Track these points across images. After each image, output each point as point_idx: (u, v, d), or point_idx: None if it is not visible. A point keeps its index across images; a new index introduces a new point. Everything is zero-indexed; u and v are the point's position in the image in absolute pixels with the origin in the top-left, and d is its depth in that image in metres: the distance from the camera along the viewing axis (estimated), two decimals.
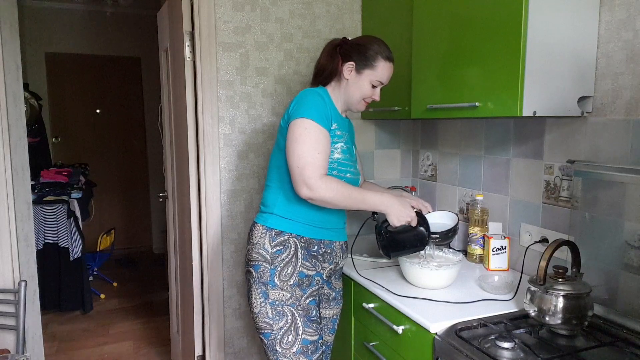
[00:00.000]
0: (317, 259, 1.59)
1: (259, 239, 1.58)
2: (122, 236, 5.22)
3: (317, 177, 1.44)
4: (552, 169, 1.65)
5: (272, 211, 1.59)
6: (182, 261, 2.46)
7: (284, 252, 1.55)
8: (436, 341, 1.32)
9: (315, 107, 1.49)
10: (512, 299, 1.52)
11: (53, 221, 3.53)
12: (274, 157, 1.63)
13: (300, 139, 1.46)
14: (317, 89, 1.60)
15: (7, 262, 2.13)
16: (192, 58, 2.06)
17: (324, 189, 1.44)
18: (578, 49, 1.41)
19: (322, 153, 1.47)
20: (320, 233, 1.60)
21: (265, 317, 1.54)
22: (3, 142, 2.09)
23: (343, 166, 1.58)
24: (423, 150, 2.39)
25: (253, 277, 1.57)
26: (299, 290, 1.56)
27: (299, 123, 1.47)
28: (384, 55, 1.58)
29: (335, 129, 1.57)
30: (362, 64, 1.58)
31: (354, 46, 1.60)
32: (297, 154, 1.45)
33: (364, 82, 1.59)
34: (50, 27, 4.86)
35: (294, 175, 1.46)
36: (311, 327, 1.57)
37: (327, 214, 1.60)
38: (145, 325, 3.54)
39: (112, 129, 5.44)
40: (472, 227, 1.91)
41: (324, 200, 1.46)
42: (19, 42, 2.15)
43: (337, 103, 1.63)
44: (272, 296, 1.54)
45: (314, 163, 1.44)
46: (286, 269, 1.54)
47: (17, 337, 2.00)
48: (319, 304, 1.69)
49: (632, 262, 1.32)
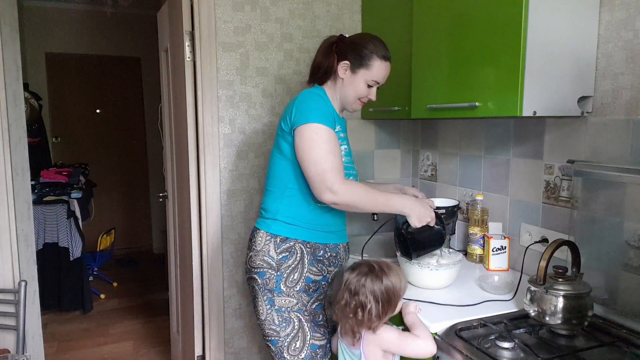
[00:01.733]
0: (323, 264, 1.58)
1: (263, 246, 1.55)
2: (122, 236, 5.22)
3: (340, 182, 1.42)
4: (552, 169, 1.65)
5: (275, 217, 1.56)
6: (182, 261, 2.46)
7: (290, 258, 1.53)
8: (436, 341, 1.31)
9: (319, 110, 1.47)
10: (512, 299, 1.52)
11: (53, 221, 3.53)
12: (274, 161, 1.59)
13: (313, 144, 1.43)
14: (316, 90, 1.57)
15: (7, 262, 2.13)
16: (192, 58, 2.06)
17: (349, 193, 1.42)
18: (578, 49, 1.41)
19: (337, 155, 1.45)
20: (325, 237, 1.58)
21: (272, 324, 1.53)
22: (3, 142, 2.09)
23: (347, 169, 1.56)
24: (423, 150, 2.39)
25: (258, 285, 1.55)
26: (306, 296, 1.55)
27: (307, 128, 1.44)
28: (379, 54, 1.54)
29: (339, 131, 1.55)
30: (357, 63, 1.54)
31: (349, 44, 1.56)
32: (314, 159, 1.42)
33: (359, 81, 1.55)
34: (50, 27, 4.86)
35: (314, 182, 1.43)
36: (319, 332, 1.56)
37: (330, 217, 1.59)
38: (145, 325, 3.54)
39: (112, 129, 5.44)
40: (472, 227, 1.90)
41: (348, 204, 1.44)
42: (19, 42, 2.15)
43: (334, 102, 1.60)
44: (278, 303, 1.52)
45: (333, 167, 1.42)
46: (292, 275, 1.53)
47: (17, 337, 2.00)
48: (325, 308, 1.69)
49: (632, 262, 1.32)
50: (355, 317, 1.33)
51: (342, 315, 1.37)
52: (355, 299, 1.33)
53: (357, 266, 1.39)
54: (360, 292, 1.33)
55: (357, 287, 1.34)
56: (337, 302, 1.39)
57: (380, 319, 1.33)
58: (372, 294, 1.32)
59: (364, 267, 1.37)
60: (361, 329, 1.36)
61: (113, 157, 5.46)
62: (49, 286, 3.55)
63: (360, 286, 1.33)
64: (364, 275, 1.35)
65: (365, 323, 1.33)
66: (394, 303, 1.35)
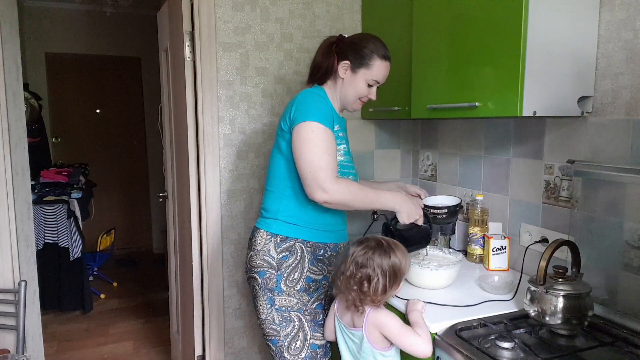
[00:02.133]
0: (324, 263, 1.59)
1: (263, 245, 1.56)
2: (122, 236, 5.22)
3: (332, 180, 1.43)
4: (552, 169, 1.65)
5: (275, 217, 1.57)
6: (182, 261, 2.46)
7: (290, 257, 1.54)
8: (436, 341, 1.32)
9: (318, 109, 1.48)
10: (512, 299, 1.52)
11: (53, 221, 3.53)
12: (274, 161, 1.60)
13: (308, 142, 1.44)
14: (316, 90, 1.57)
15: (7, 262, 2.13)
16: (192, 58, 2.06)
17: (340, 191, 1.43)
18: (578, 49, 1.41)
19: (332, 155, 1.46)
20: (326, 236, 1.59)
21: (272, 324, 1.53)
22: (3, 142, 2.09)
23: (346, 168, 1.57)
24: (423, 150, 2.39)
25: (259, 284, 1.55)
26: (306, 295, 1.55)
27: (305, 126, 1.45)
28: (379, 54, 1.55)
29: (338, 131, 1.56)
30: (357, 62, 1.55)
31: (349, 44, 1.57)
32: (308, 158, 1.43)
33: (360, 81, 1.56)
34: (50, 27, 4.86)
35: (307, 179, 1.44)
36: (319, 332, 1.56)
37: (330, 216, 1.59)
38: (145, 325, 3.54)
39: (112, 129, 5.44)
40: (472, 227, 1.90)
41: (340, 202, 1.45)
42: (19, 42, 2.15)
43: (334, 102, 1.61)
44: (278, 302, 1.53)
45: (326, 166, 1.43)
46: (293, 275, 1.53)
47: (17, 337, 2.00)
48: (325, 308, 1.69)
49: (632, 262, 1.32)
50: (361, 289, 1.33)
51: (345, 288, 1.37)
52: (362, 271, 1.34)
53: (365, 240, 1.40)
54: (367, 265, 1.33)
55: (364, 260, 1.34)
56: (341, 274, 1.38)
57: (385, 293, 1.34)
58: (379, 267, 1.33)
59: (372, 242, 1.38)
60: (365, 304, 1.35)
61: (113, 157, 5.46)
62: (49, 286, 3.55)
63: (367, 259, 1.34)
64: (371, 249, 1.36)
65: (370, 296, 1.33)
66: (398, 280, 1.36)
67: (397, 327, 1.34)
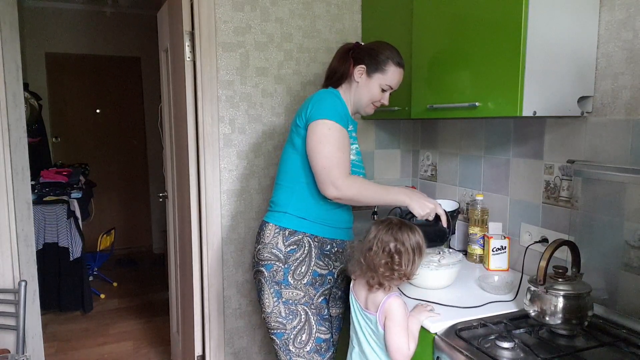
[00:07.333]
0: (330, 258, 1.61)
1: (271, 239, 1.58)
2: (122, 236, 5.21)
3: (344, 177, 1.48)
4: (552, 169, 1.65)
5: (285, 210, 1.59)
6: (182, 261, 2.46)
7: (298, 251, 1.56)
8: (436, 341, 1.32)
9: (335, 108, 1.52)
10: (512, 299, 1.52)
11: (53, 221, 3.53)
12: (287, 156, 1.63)
13: (324, 139, 1.48)
14: (332, 90, 1.63)
15: (7, 262, 2.13)
16: (192, 58, 2.06)
17: (351, 187, 1.48)
18: (578, 49, 1.41)
19: (346, 153, 1.51)
20: (334, 233, 1.62)
21: (278, 317, 1.55)
22: (3, 142, 2.09)
23: (356, 167, 1.62)
24: (423, 150, 2.39)
25: (265, 277, 1.57)
26: (312, 289, 1.58)
27: (321, 124, 1.49)
28: (395, 60, 1.61)
29: (351, 131, 1.61)
30: (373, 67, 1.61)
31: (366, 50, 1.63)
32: (324, 154, 1.48)
33: (374, 85, 1.62)
34: (50, 27, 4.85)
35: (320, 175, 1.48)
36: (324, 326, 1.59)
37: (340, 213, 1.63)
38: (145, 325, 3.54)
39: (112, 129, 5.44)
40: (472, 227, 1.90)
41: (351, 198, 1.50)
42: (19, 42, 2.15)
43: (348, 105, 1.65)
44: (285, 295, 1.55)
45: (340, 163, 1.48)
46: (300, 268, 1.56)
47: (17, 337, 2.00)
48: (328, 303, 1.70)
49: (632, 262, 1.32)
50: (392, 261, 1.34)
51: (368, 265, 1.37)
52: (391, 245, 1.35)
53: (386, 220, 1.42)
54: (397, 239, 1.35)
55: (392, 235, 1.36)
56: (362, 254, 1.39)
57: (413, 265, 1.36)
58: (408, 241, 1.36)
59: (395, 220, 1.40)
60: (392, 280, 1.36)
61: (113, 157, 5.46)
62: (49, 286, 3.55)
63: (394, 234, 1.36)
64: (396, 225, 1.38)
65: (402, 270, 1.35)
66: (422, 258, 1.40)
67: (400, 322, 1.33)
